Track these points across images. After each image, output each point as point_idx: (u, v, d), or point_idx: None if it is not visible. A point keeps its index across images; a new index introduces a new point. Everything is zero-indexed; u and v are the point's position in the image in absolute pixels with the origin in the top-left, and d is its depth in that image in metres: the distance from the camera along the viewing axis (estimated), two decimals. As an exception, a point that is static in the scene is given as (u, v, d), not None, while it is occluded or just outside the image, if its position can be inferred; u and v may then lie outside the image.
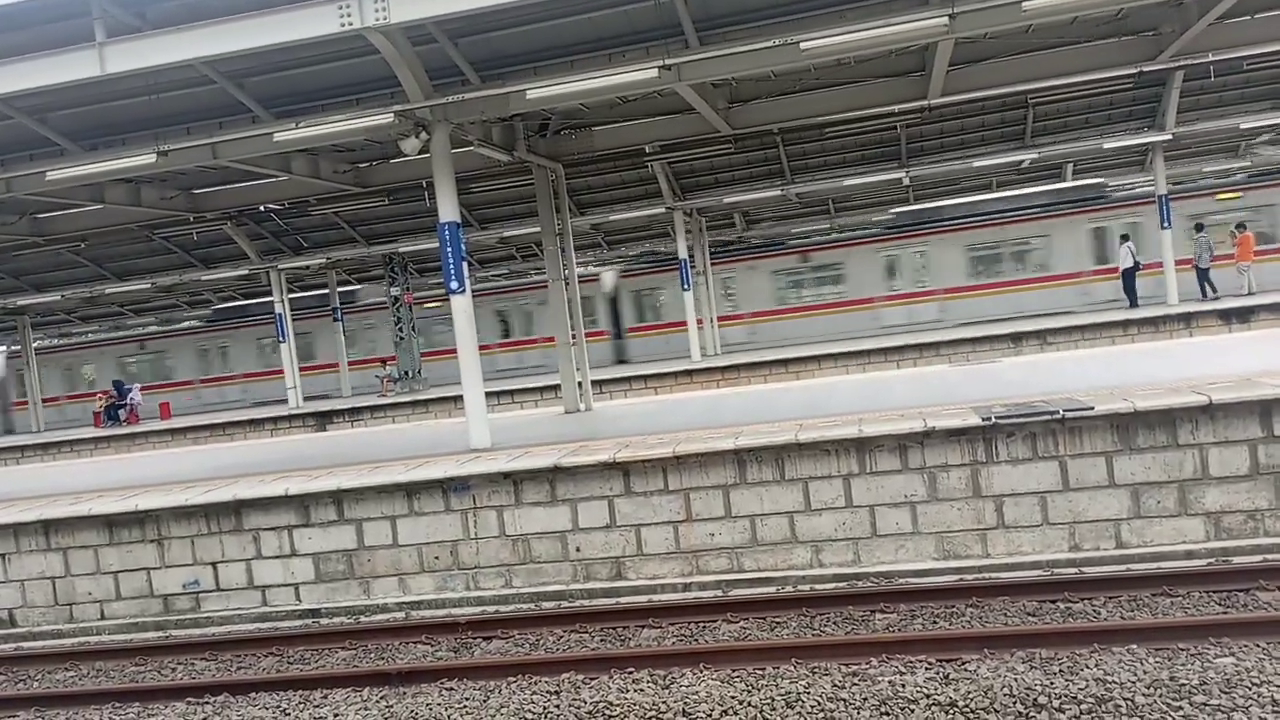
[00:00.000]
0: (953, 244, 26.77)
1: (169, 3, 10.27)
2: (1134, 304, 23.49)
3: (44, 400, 32.23)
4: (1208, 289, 22.68)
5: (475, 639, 8.33)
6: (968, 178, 26.28)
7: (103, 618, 10.42)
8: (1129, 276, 23.57)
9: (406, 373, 27.80)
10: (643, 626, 8.09)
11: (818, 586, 8.69)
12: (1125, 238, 23.97)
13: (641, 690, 6.62)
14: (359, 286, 32.42)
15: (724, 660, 6.95)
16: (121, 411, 29.53)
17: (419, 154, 11.58)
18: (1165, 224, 22.90)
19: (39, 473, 16.98)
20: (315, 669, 8.08)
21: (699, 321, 25.99)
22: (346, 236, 25.67)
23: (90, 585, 10.46)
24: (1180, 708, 5.46)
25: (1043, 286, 26.09)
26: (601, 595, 9.22)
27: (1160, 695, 5.63)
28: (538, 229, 16.91)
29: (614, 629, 8.12)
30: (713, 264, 27.78)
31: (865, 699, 6.03)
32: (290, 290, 27.50)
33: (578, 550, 9.48)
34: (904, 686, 6.15)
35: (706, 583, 9.07)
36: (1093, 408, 8.46)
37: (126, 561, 10.36)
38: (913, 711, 5.80)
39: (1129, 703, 5.57)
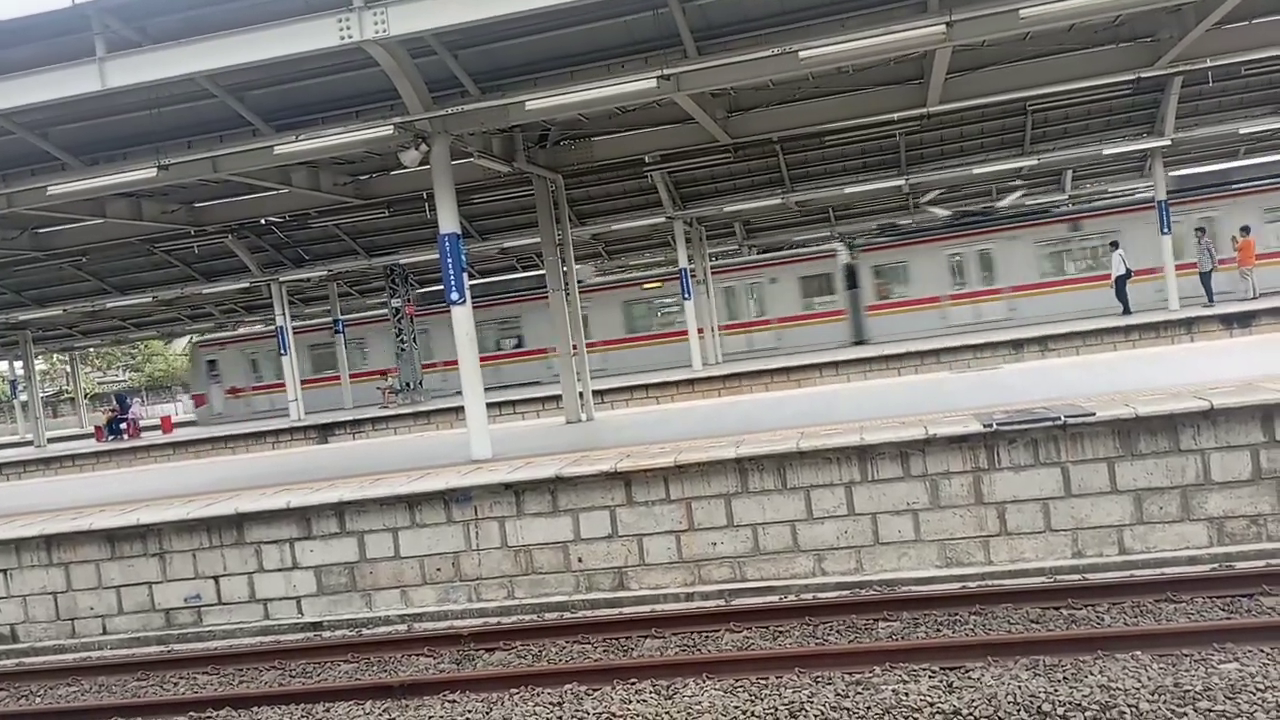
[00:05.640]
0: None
1: (169, 17, 10.31)
2: (1126, 311, 23.45)
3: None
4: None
5: (478, 651, 8.31)
6: (967, 184, 26.32)
7: (104, 632, 10.40)
8: (1120, 284, 23.56)
9: (408, 384, 27.80)
10: (645, 637, 8.07)
11: (820, 595, 8.67)
12: (1115, 245, 23.96)
13: (644, 701, 6.60)
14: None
15: (727, 670, 6.93)
16: (122, 425, 29.57)
17: (419, 166, 11.60)
18: (1165, 230, 22.91)
19: (40, 487, 16.97)
20: (317, 682, 8.06)
21: (700, 331, 26.01)
22: (347, 249, 25.69)
23: (92, 600, 10.44)
24: (1185, 714, 5.45)
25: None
26: (604, 606, 9.19)
27: (1164, 701, 5.61)
28: (538, 239, 16.94)
29: (616, 639, 8.10)
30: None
31: (869, 708, 6.01)
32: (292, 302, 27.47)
33: (580, 561, 9.47)
34: (908, 695, 6.13)
35: (709, 592, 9.05)
36: (1094, 413, 8.46)
37: (128, 576, 10.35)
38: (917, 720, 5.78)
39: (1133, 709, 5.55)
